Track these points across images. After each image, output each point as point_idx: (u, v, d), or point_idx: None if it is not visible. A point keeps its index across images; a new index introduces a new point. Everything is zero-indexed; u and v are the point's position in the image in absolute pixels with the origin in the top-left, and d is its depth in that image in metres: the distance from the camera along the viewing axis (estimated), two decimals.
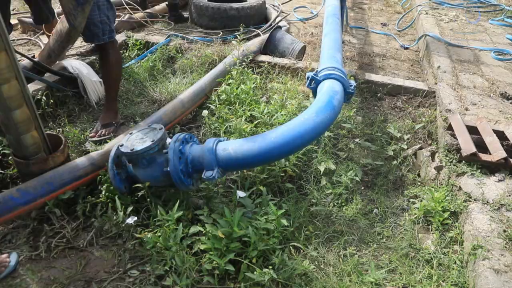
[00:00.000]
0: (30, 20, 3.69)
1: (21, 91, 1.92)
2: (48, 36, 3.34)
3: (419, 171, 2.48)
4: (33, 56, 2.99)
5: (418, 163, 2.53)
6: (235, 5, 4.24)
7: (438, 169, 2.33)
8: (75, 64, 3.02)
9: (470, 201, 2.02)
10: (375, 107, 3.05)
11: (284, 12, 4.81)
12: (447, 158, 2.33)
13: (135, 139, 1.87)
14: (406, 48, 4.26)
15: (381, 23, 5.07)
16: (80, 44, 3.46)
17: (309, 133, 1.80)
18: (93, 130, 2.63)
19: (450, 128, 2.50)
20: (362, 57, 3.95)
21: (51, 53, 2.97)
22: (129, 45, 3.58)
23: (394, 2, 6.02)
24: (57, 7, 3.86)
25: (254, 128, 2.37)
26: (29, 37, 4.01)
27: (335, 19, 2.90)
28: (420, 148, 2.59)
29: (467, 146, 2.25)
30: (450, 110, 2.72)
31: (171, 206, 1.86)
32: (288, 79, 3.03)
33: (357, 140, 2.61)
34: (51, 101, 2.81)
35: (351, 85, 2.16)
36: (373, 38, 4.53)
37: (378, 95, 3.15)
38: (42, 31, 3.82)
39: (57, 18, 3.42)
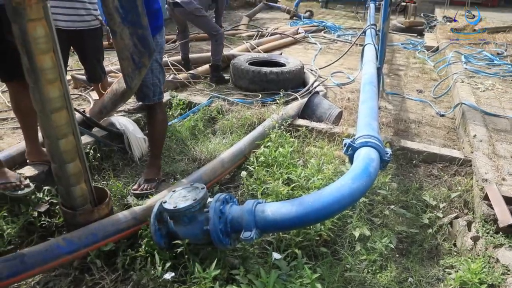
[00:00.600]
0: (84, 77, 3.99)
1: (76, 145, 2.08)
2: (98, 93, 3.60)
3: (455, 241, 2.44)
4: (84, 111, 3.22)
5: (454, 232, 2.49)
6: (274, 69, 4.46)
7: (475, 239, 2.29)
8: (122, 121, 3.23)
9: (508, 274, 1.96)
10: (411, 174, 3.06)
11: (321, 77, 5.00)
12: (484, 228, 2.30)
13: (178, 197, 1.96)
14: (442, 116, 4.30)
15: (417, 90, 5.15)
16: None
17: (345, 199, 1.84)
18: (135, 184, 2.76)
19: (486, 198, 2.47)
20: (398, 123, 4.01)
21: (103, 109, 3.20)
22: (173, 105, 3.81)
23: (430, 69, 6.14)
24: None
25: (291, 191, 2.43)
26: (80, 93, 4.33)
27: (371, 87, 3.01)
28: (456, 217, 2.56)
29: (504, 217, 2.21)
30: (487, 180, 2.69)
31: (208, 264, 1.90)
32: (325, 144, 3.12)
33: (392, 206, 2.61)
34: (98, 155, 2.99)
35: (387, 153, 2.21)
36: (409, 105, 4.61)
37: (414, 162, 3.17)
38: (91, 87, 4.13)
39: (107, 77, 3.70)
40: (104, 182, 2.81)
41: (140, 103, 3.39)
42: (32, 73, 1.77)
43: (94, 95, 4.03)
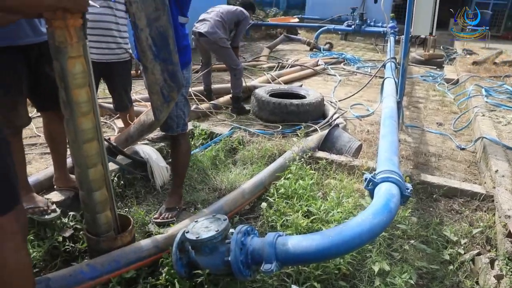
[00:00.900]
0: (110, 106, 4.13)
1: (103, 174, 2.16)
2: (124, 121, 3.72)
3: (478, 279, 2.40)
4: (109, 139, 3.33)
5: (476, 269, 2.45)
6: (295, 101, 4.55)
7: (498, 278, 2.25)
8: (146, 150, 3.32)
9: None
10: (431, 209, 3.05)
11: (341, 109, 5.06)
12: (508, 267, 2.26)
13: (200, 227, 2.01)
14: (463, 149, 4.28)
15: (437, 123, 5.15)
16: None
17: (366, 234, 1.86)
18: (157, 213, 2.82)
19: (510, 235, 2.44)
20: (417, 156, 4.01)
21: (129, 138, 3.31)
22: (195, 134, 3.90)
23: (450, 102, 6.14)
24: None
25: (311, 224, 2.45)
26: (105, 121, 4.47)
27: (392, 122, 3.05)
28: (478, 254, 2.53)
29: None
30: (510, 216, 2.66)
31: None
32: (345, 177, 3.14)
33: (412, 241, 2.60)
34: (122, 182, 3.08)
35: (408, 189, 2.23)
36: (429, 138, 4.61)
37: (434, 196, 3.16)
38: (117, 115, 4.27)
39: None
40: (127, 209, 2.88)
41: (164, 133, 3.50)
42: (68, 106, 1.87)
43: (119, 123, 4.16)
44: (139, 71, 3.45)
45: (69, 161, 2.82)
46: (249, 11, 5.26)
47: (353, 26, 11.97)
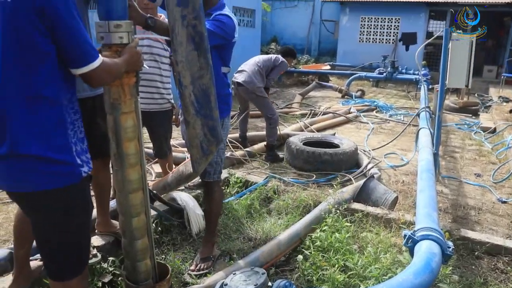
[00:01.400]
0: (150, 151, 4.27)
1: (146, 223, 2.23)
2: (162, 168, 3.83)
3: None
4: (147, 185, 3.42)
5: None
6: (329, 150, 4.58)
7: None
8: (183, 197, 3.39)
9: None
10: (473, 267, 2.94)
11: (375, 158, 5.04)
12: None
13: (238, 280, 2.02)
14: (504, 202, 4.14)
15: (475, 174, 5.03)
16: None
17: None
18: (192, 264, 2.84)
19: None
20: (456, 209, 3.91)
21: (167, 186, 3.40)
22: (231, 182, 3.97)
23: (487, 152, 6.01)
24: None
25: (348, 279, 2.41)
26: None
27: (429, 175, 3.02)
28: None
29: None
30: None
31: None
32: (381, 230, 3.10)
33: None
34: (159, 228, 3.14)
35: (449, 247, 2.18)
36: (467, 189, 4.50)
37: (476, 253, 3.05)
38: (155, 160, 4.39)
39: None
40: (163, 256, 2.92)
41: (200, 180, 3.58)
42: (118, 157, 1.98)
43: (157, 168, 4.28)
44: (178, 121, 3.60)
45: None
46: (288, 58, 5.45)
47: (384, 74, 12.05)
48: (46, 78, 1.46)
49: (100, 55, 1.58)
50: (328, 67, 13.96)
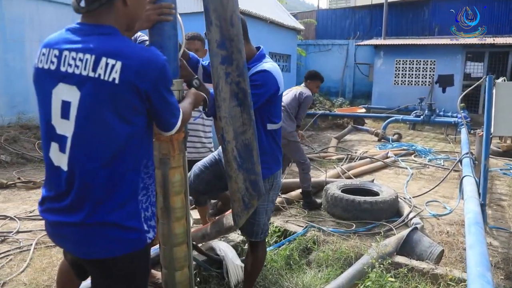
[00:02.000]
0: (189, 198, 4.31)
1: (189, 277, 2.23)
2: (201, 215, 3.85)
3: None
4: None
5: None
6: (368, 198, 4.49)
7: None
8: (222, 247, 3.38)
9: None
10: None
11: (416, 207, 4.88)
12: None
13: None
14: None
15: None
16: None
17: None
18: None
19: None
20: (508, 264, 3.69)
21: (206, 236, 3.40)
22: (269, 231, 3.92)
23: None
24: None
25: None
26: None
27: (478, 229, 2.89)
28: None
29: None
30: None
31: None
32: (428, 286, 2.95)
33: None
34: (197, 279, 3.11)
35: None
36: None
37: None
38: (192, 206, 4.42)
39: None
40: None
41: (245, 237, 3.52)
42: (165, 211, 2.02)
43: (195, 214, 4.30)
44: None
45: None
46: (314, 81, 5.37)
47: (422, 116, 11.85)
48: (128, 148, 1.50)
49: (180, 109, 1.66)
50: (363, 110, 13.91)
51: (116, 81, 1.41)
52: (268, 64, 2.47)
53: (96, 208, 1.48)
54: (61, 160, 1.51)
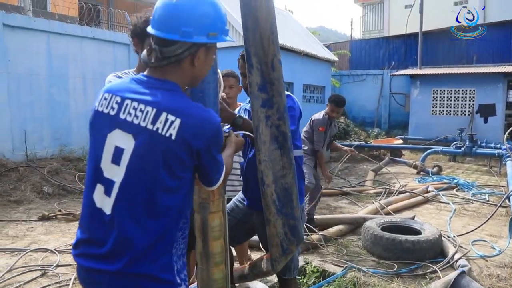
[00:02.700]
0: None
1: None
2: (238, 254, 3.79)
3: None
4: None
5: None
6: (410, 237, 4.30)
7: None
8: (258, 287, 3.30)
9: None
10: None
11: (461, 247, 4.64)
12: None
13: None
14: None
15: None
16: None
17: None
18: None
19: None
20: None
21: (243, 277, 3.32)
22: (307, 272, 3.82)
23: None
24: None
25: None
26: None
27: None
28: None
29: None
30: None
31: None
32: None
33: None
34: None
35: None
36: None
37: None
38: None
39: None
40: None
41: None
42: (204, 256, 1.99)
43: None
44: None
45: None
46: (331, 104, 5.46)
47: (463, 148, 11.34)
48: (173, 201, 1.50)
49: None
50: (401, 141, 13.60)
51: (173, 137, 1.44)
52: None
53: (134, 259, 1.46)
54: (104, 202, 1.51)
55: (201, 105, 1.58)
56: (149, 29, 1.53)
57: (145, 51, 1.56)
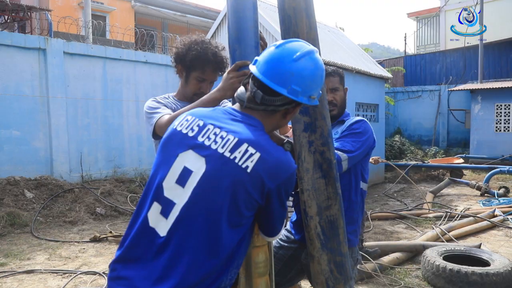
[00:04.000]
0: None
1: None
2: None
3: None
4: None
5: None
6: (477, 269, 3.89)
7: None
8: None
9: None
10: None
11: None
12: None
13: None
14: None
15: None
16: None
17: None
18: None
19: None
20: None
21: None
22: None
23: None
24: None
25: None
26: None
27: None
28: None
29: None
30: None
31: None
32: None
33: None
34: None
35: None
36: None
37: None
38: None
39: None
40: None
41: None
42: None
43: None
44: None
45: None
46: None
47: None
48: (229, 239, 1.45)
49: None
50: (461, 160, 12.75)
51: (248, 170, 1.41)
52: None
53: None
54: (159, 223, 1.45)
55: (281, 148, 1.56)
56: (255, 70, 1.51)
57: (242, 88, 1.57)
